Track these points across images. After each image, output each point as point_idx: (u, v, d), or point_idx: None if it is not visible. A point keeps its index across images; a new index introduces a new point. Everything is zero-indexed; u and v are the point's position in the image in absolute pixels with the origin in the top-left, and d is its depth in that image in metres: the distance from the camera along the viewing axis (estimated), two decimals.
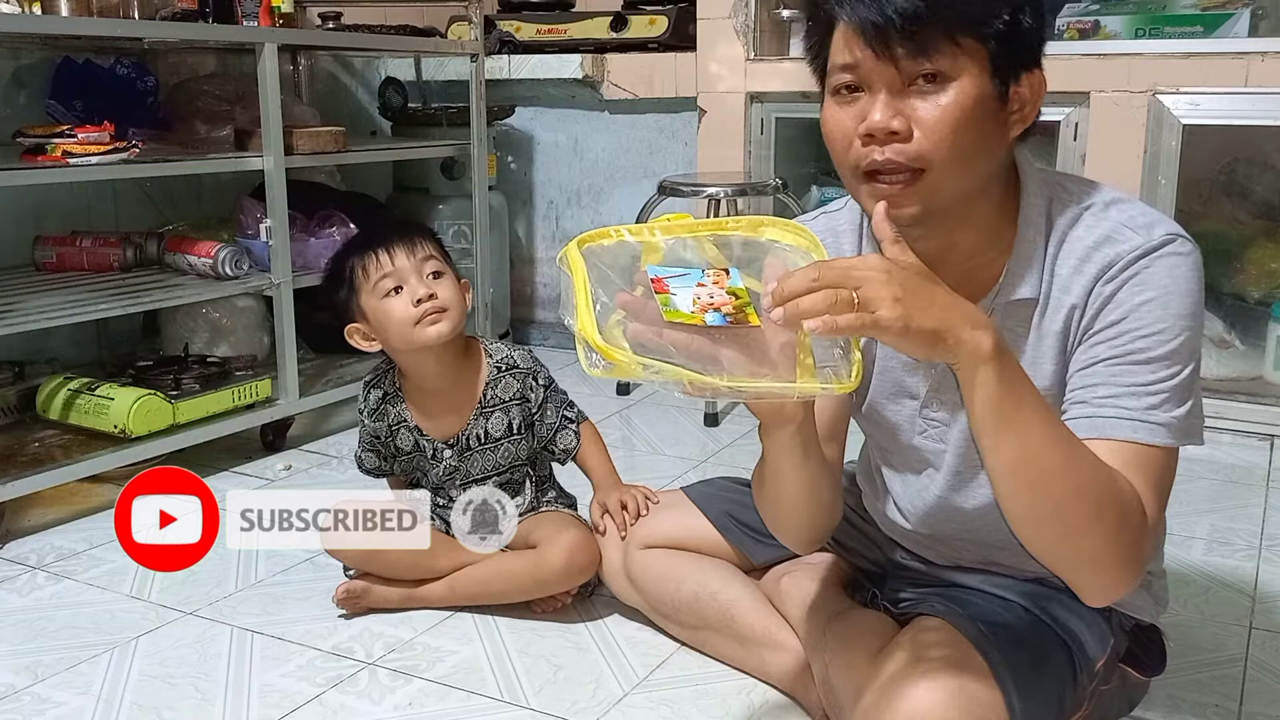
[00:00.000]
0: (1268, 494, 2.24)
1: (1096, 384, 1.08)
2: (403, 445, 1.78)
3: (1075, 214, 1.14)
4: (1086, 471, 1.01)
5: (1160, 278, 1.08)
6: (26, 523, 2.09)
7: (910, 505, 1.35)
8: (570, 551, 1.66)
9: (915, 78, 1.02)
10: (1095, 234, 1.12)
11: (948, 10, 1.00)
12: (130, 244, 2.49)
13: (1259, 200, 2.84)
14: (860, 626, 1.34)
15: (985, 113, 1.04)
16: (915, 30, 1.00)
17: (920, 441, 1.29)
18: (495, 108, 3.19)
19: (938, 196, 1.06)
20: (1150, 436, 1.06)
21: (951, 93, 1.02)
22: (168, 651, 1.63)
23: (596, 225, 3.30)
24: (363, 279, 1.69)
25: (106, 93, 2.64)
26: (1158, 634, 1.36)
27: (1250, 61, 2.49)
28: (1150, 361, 1.07)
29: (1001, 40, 1.03)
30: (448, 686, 1.54)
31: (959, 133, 1.03)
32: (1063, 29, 2.79)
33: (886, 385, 1.29)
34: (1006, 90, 1.05)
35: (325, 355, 2.93)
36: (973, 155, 1.05)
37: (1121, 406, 1.07)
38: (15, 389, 2.40)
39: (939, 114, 1.02)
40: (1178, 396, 1.08)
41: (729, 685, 1.53)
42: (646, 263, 1.00)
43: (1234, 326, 2.81)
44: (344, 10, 3.07)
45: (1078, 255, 1.12)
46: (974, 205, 1.12)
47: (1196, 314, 1.10)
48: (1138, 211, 1.14)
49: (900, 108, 1.03)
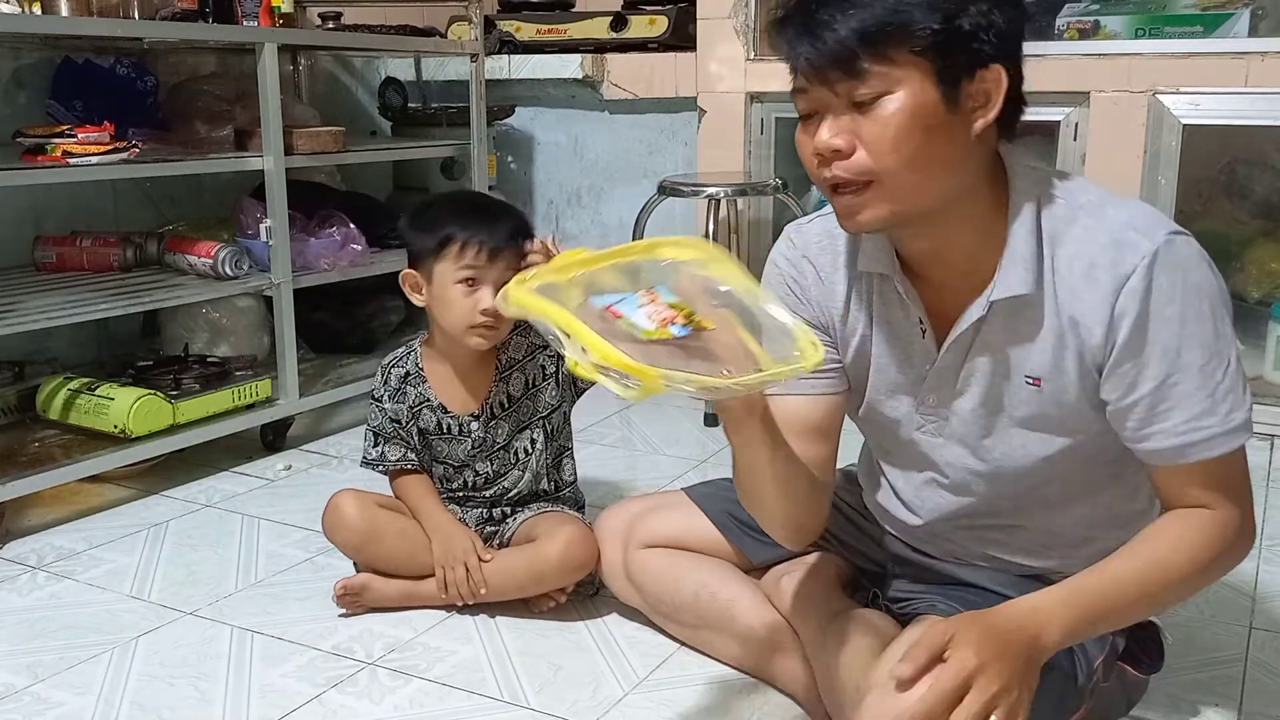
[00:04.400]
0: (1268, 494, 2.24)
1: (1171, 409, 1.14)
2: (425, 425, 1.78)
3: (1068, 212, 1.16)
4: (1173, 583, 1.16)
5: (1179, 283, 1.11)
6: (26, 523, 2.09)
7: (911, 499, 1.37)
8: (567, 545, 1.67)
9: (856, 98, 1.08)
10: (1100, 237, 1.13)
11: (873, 36, 1.05)
12: (130, 244, 2.49)
13: (1259, 200, 2.84)
14: (861, 625, 1.34)
15: (932, 118, 1.08)
16: (846, 59, 1.06)
17: (919, 436, 1.30)
18: (495, 108, 3.19)
19: (900, 202, 1.11)
20: (1235, 441, 1.15)
21: (890, 107, 1.07)
22: (168, 651, 1.63)
23: (596, 225, 3.35)
24: (453, 253, 1.67)
25: (106, 93, 2.64)
26: (1155, 631, 1.36)
27: (1250, 61, 2.49)
28: (1203, 368, 1.13)
29: (937, 49, 1.06)
30: (448, 686, 1.54)
31: (903, 142, 1.07)
32: (1063, 29, 2.79)
33: (883, 383, 1.31)
34: (957, 92, 1.08)
35: (325, 355, 2.94)
36: (927, 160, 1.09)
37: (1203, 427, 1.14)
38: (15, 389, 2.40)
39: (879, 129, 1.08)
40: (1238, 389, 1.15)
41: (729, 685, 1.53)
42: (567, 302, 1.05)
43: (1234, 326, 2.81)
44: (344, 10, 3.08)
45: (1086, 260, 1.14)
46: (960, 204, 1.15)
47: (1220, 301, 1.15)
48: (1137, 212, 1.15)
49: (847, 126, 1.09)
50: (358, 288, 2.92)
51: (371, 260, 2.76)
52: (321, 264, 2.60)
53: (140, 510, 2.17)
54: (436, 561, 1.71)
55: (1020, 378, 1.20)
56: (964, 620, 1.09)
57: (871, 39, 1.05)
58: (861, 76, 1.06)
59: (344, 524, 1.75)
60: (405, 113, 3.31)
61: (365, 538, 1.74)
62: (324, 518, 1.78)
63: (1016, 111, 1.14)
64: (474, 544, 1.71)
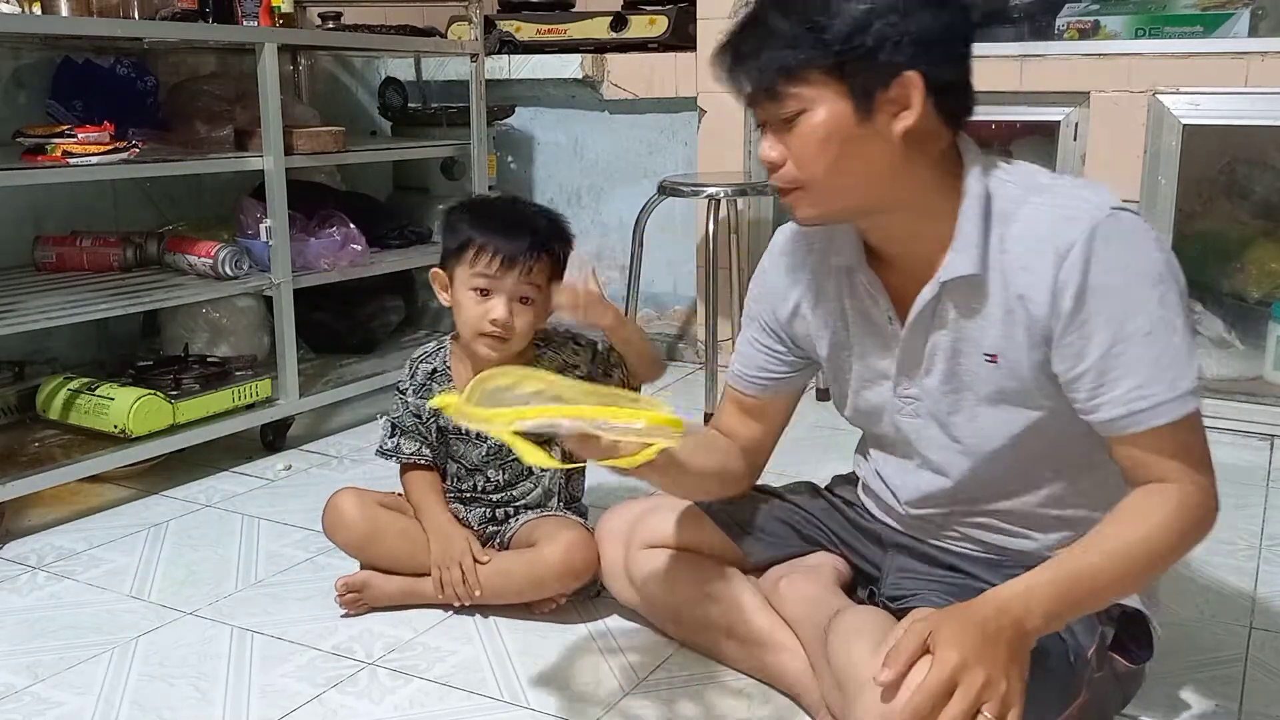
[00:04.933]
0: (1268, 494, 2.24)
1: (1118, 379, 1.17)
2: (445, 424, 1.77)
3: (1019, 193, 1.22)
4: (1149, 557, 1.17)
5: (1121, 254, 1.16)
6: (26, 523, 2.09)
7: (899, 485, 1.42)
8: (568, 550, 1.66)
9: (781, 117, 1.19)
10: (1046, 215, 1.19)
11: (785, 64, 1.17)
12: (130, 244, 2.49)
13: (1259, 200, 2.84)
14: (860, 622, 1.34)
15: (848, 129, 1.18)
16: (766, 85, 1.19)
17: (901, 420, 1.37)
18: (495, 108, 3.19)
19: (828, 204, 1.23)
20: (1185, 408, 1.16)
21: (809, 123, 1.18)
22: (168, 651, 1.63)
23: (596, 225, 3.35)
24: (469, 259, 1.66)
25: (106, 93, 2.64)
26: (1144, 621, 1.37)
27: (1250, 61, 2.49)
28: (1147, 334, 1.16)
29: (844, 67, 1.16)
30: (448, 686, 1.54)
31: (821, 154, 1.19)
32: (1063, 29, 2.80)
33: (865, 371, 1.38)
34: (871, 102, 1.16)
35: (325, 355, 2.94)
36: (849, 166, 1.19)
37: (1149, 395, 1.16)
38: (15, 389, 2.40)
39: (800, 142, 1.20)
40: (1183, 358, 1.17)
41: (729, 685, 1.53)
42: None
43: (1234, 326, 2.81)
44: (344, 10, 3.08)
45: (1032, 236, 1.20)
46: (908, 196, 1.22)
47: (1165, 272, 1.18)
48: (1083, 190, 1.22)
49: (780, 139, 1.21)
50: (358, 288, 2.92)
51: (371, 260, 2.76)
52: (321, 264, 2.60)
53: (140, 510, 2.17)
54: (433, 561, 1.71)
55: (978, 355, 1.26)
56: (942, 616, 1.11)
57: (784, 67, 1.17)
58: (780, 99, 1.18)
59: (344, 524, 1.75)
60: (405, 113, 3.31)
61: (365, 537, 1.75)
62: (324, 517, 1.78)
63: (959, 104, 1.21)
64: (471, 545, 1.71)
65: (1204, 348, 2.79)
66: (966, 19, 1.20)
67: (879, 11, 1.14)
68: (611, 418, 1.19)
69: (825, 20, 1.14)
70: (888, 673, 1.07)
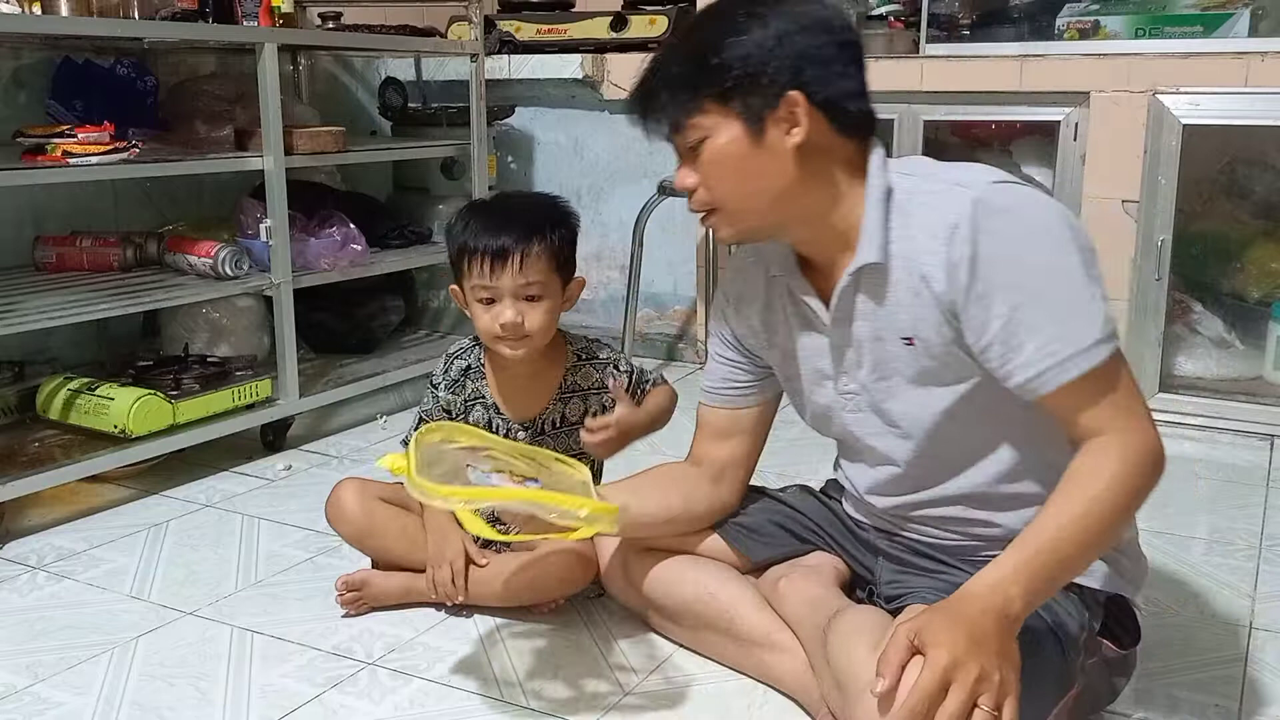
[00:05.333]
0: (1268, 494, 2.24)
1: (1023, 341, 1.20)
2: (475, 422, 1.76)
3: (914, 183, 1.29)
4: (1108, 514, 1.18)
5: (1007, 223, 1.21)
6: (26, 523, 2.09)
7: (866, 486, 1.46)
8: (568, 553, 1.67)
9: (688, 146, 1.30)
10: (938, 199, 1.25)
11: (680, 99, 1.28)
12: (130, 244, 2.49)
13: (1259, 200, 2.84)
14: (859, 621, 1.35)
15: (746, 148, 1.27)
16: (669, 120, 1.30)
17: (847, 417, 1.41)
18: (495, 108, 3.19)
19: (740, 221, 1.32)
20: (1094, 358, 1.18)
21: (710, 150, 1.28)
22: (168, 651, 1.63)
23: (597, 225, 3.35)
24: (466, 270, 1.65)
25: (106, 93, 2.64)
26: (1129, 606, 1.38)
27: (1250, 61, 2.49)
28: (1044, 294, 1.19)
29: (733, 94, 1.25)
30: (448, 686, 1.54)
31: (724, 176, 1.29)
32: (1063, 29, 2.80)
33: (811, 375, 1.44)
34: (762, 123, 1.25)
35: (325, 355, 2.94)
36: (753, 183, 1.28)
37: (1054, 352, 1.18)
38: (15, 389, 2.40)
39: (706, 167, 1.30)
40: (1084, 310, 1.19)
41: (729, 685, 1.53)
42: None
43: (1234, 326, 2.81)
44: (344, 10, 3.08)
45: (926, 219, 1.26)
46: (816, 204, 1.30)
47: (1058, 233, 1.21)
48: (971, 171, 1.27)
49: (692, 167, 1.31)
50: (358, 288, 2.93)
51: (371, 260, 2.76)
52: (321, 264, 2.60)
53: (140, 510, 2.17)
54: (428, 560, 1.71)
55: (897, 339, 1.31)
56: (927, 617, 1.12)
57: (683, 101, 1.28)
58: (684, 131, 1.29)
59: (344, 516, 1.77)
60: (405, 113, 3.31)
61: (364, 531, 1.76)
62: (327, 507, 1.79)
63: (852, 115, 1.28)
64: (467, 547, 1.71)
65: (1204, 348, 2.79)
66: (845, 38, 1.28)
67: (758, 41, 1.24)
68: (558, 503, 1.31)
69: (712, 56, 1.25)
70: (883, 683, 1.08)
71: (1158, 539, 2.00)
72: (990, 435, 1.34)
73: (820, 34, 1.26)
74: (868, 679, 1.18)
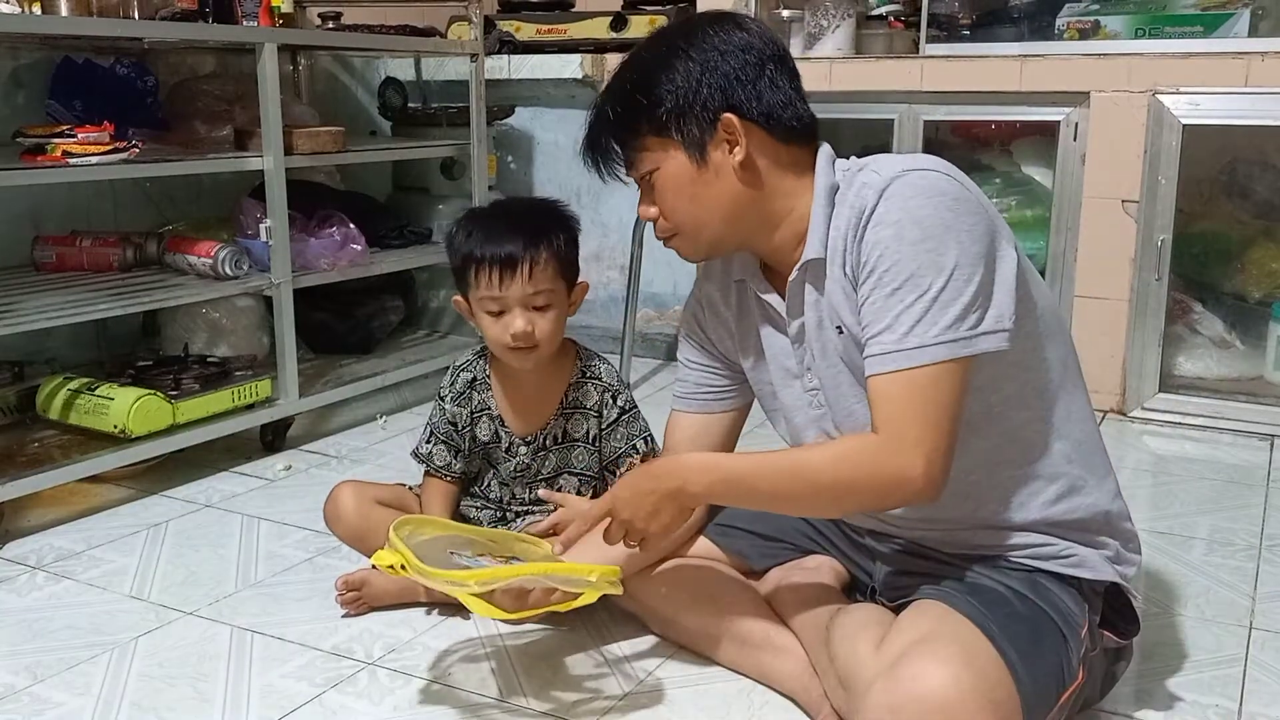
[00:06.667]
0: (1268, 494, 2.24)
1: (868, 323, 1.24)
2: (481, 434, 1.76)
3: (856, 177, 1.31)
4: (805, 474, 1.29)
5: (894, 210, 1.23)
6: (26, 523, 2.09)
7: None
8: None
9: (642, 177, 1.38)
10: (862, 189, 1.28)
11: (624, 138, 1.37)
12: (130, 244, 2.49)
13: (1259, 200, 2.84)
14: (860, 619, 1.36)
15: (692, 172, 1.33)
16: (620, 156, 1.39)
17: (813, 414, 1.41)
18: (495, 108, 3.19)
19: (699, 240, 1.38)
20: (908, 361, 1.20)
21: (661, 179, 1.36)
22: (167, 651, 1.63)
23: (596, 225, 3.35)
24: (473, 282, 1.64)
25: (106, 93, 2.64)
26: (1126, 597, 1.38)
27: (1250, 61, 2.49)
28: (896, 290, 1.21)
29: (671, 125, 1.32)
30: (447, 686, 1.54)
31: (677, 200, 1.35)
32: (1063, 29, 2.80)
33: (779, 373, 1.44)
34: (703, 147, 1.32)
35: (325, 355, 2.94)
36: (706, 204, 1.34)
37: (880, 341, 1.22)
38: (15, 389, 2.40)
39: (660, 197, 1.37)
40: (938, 310, 1.19)
41: (729, 686, 1.53)
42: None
43: (1234, 326, 2.81)
44: (344, 10, 3.08)
45: (852, 211, 1.29)
46: (768, 213, 1.35)
47: (941, 228, 1.21)
48: (898, 159, 1.30)
49: (650, 198, 1.39)
50: (358, 288, 2.93)
51: (371, 260, 2.76)
52: (321, 264, 2.60)
53: (140, 510, 2.17)
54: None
55: (832, 329, 1.34)
56: (627, 475, 1.41)
57: (624, 142, 1.37)
58: (635, 166, 1.38)
59: (341, 519, 1.77)
60: (405, 113, 3.31)
61: (360, 533, 1.76)
62: (324, 509, 1.79)
63: (787, 122, 1.32)
64: None
65: (1204, 348, 2.79)
66: (768, 53, 1.32)
67: (685, 73, 1.31)
68: (568, 572, 1.40)
69: (643, 95, 1.33)
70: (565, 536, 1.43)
71: (1158, 539, 2.00)
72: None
73: (742, 55, 1.31)
74: (872, 676, 1.18)
